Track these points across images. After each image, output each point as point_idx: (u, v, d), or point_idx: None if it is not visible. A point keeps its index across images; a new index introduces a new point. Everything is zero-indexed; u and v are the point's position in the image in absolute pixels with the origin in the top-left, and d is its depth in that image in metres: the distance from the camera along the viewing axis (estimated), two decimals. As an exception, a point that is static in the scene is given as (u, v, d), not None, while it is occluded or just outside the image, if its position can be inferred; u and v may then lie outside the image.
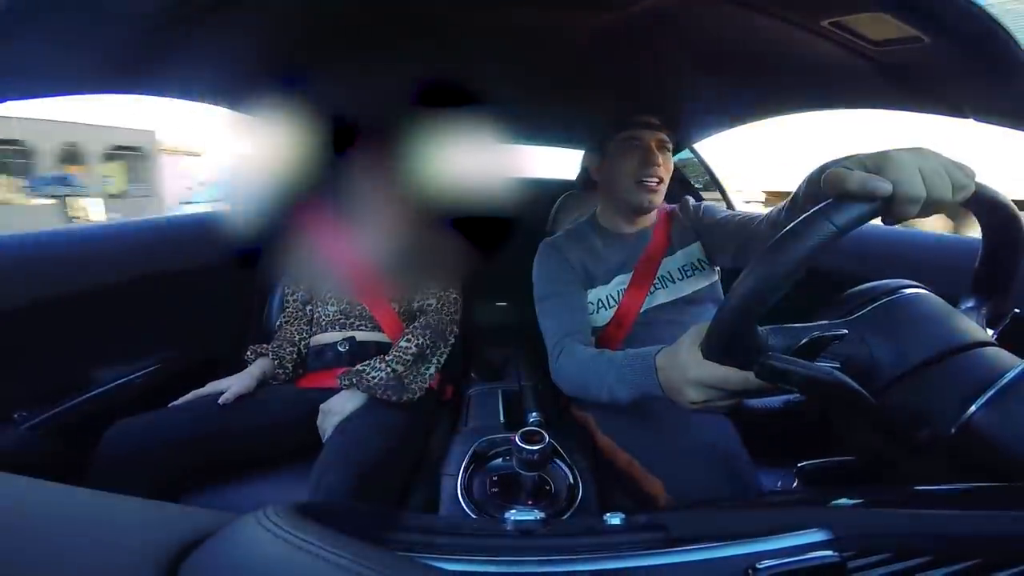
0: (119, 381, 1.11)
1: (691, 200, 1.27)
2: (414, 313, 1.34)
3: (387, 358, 1.14)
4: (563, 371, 1.01)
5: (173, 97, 1.21)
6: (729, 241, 1.05)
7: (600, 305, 1.14)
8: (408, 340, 1.19)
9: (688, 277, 1.14)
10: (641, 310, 1.11)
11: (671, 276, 1.14)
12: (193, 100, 1.32)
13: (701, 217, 1.21)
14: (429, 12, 0.92)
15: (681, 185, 2.10)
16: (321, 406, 1.05)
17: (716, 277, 1.18)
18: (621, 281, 1.14)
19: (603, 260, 1.16)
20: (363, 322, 1.28)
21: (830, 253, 0.46)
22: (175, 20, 0.80)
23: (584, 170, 1.31)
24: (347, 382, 1.07)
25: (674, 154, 1.76)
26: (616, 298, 1.13)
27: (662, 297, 1.12)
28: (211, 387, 1.08)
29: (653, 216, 1.23)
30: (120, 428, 0.90)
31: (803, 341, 0.50)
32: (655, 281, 1.13)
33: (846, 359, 0.52)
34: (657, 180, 1.12)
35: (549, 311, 1.12)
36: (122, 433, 0.89)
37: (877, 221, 0.47)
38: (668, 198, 1.21)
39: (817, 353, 0.51)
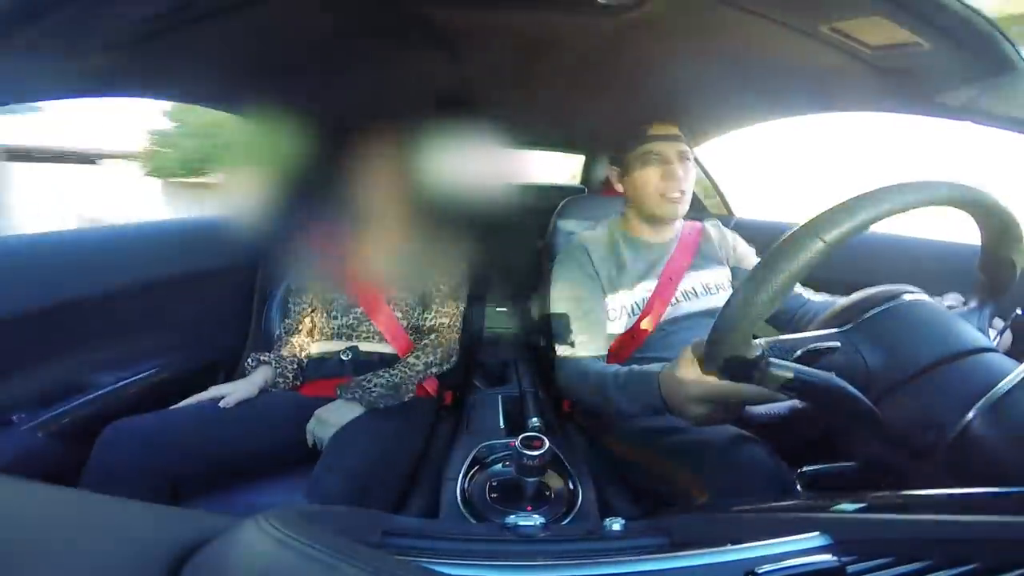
0: (120, 383, 1.11)
1: (720, 224, 1.28)
2: (418, 325, 1.34)
3: (391, 371, 1.14)
4: (569, 378, 1.01)
5: (173, 100, 1.22)
6: None
7: (621, 312, 1.13)
8: (417, 357, 1.20)
9: (711, 294, 1.13)
10: (661, 320, 1.10)
11: (694, 290, 1.13)
12: (193, 102, 1.33)
13: (734, 249, 1.22)
14: (436, 17, 0.92)
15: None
16: (317, 412, 1.05)
17: None
18: (645, 289, 1.13)
19: (628, 266, 1.15)
20: (366, 332, 1.28)
21: (829, 259, 0.46)
22: (175, 22, 0.81)
23: (592, 177, 1.31)
24: (349, 396, 1.07)
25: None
26: (639, 306, 1.12)
27: (683, 309, 1.10)
28: (212, 391, 1.08)
29: (680, 227, 1.22)
30: (116, 429, 0.89)
31: (797, 354, 0.50)
32: (677, 293, 1.12)
33: (840, 370, 0.53)
34: (680, 192, 1.11)
35: (564, 313, 1.11)
36: (118, 434, 0.88)
37: (875, 227, 0.47)
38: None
39: (812, 364, 0.51)
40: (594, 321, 1.09)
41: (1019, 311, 0.60)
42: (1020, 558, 0.30)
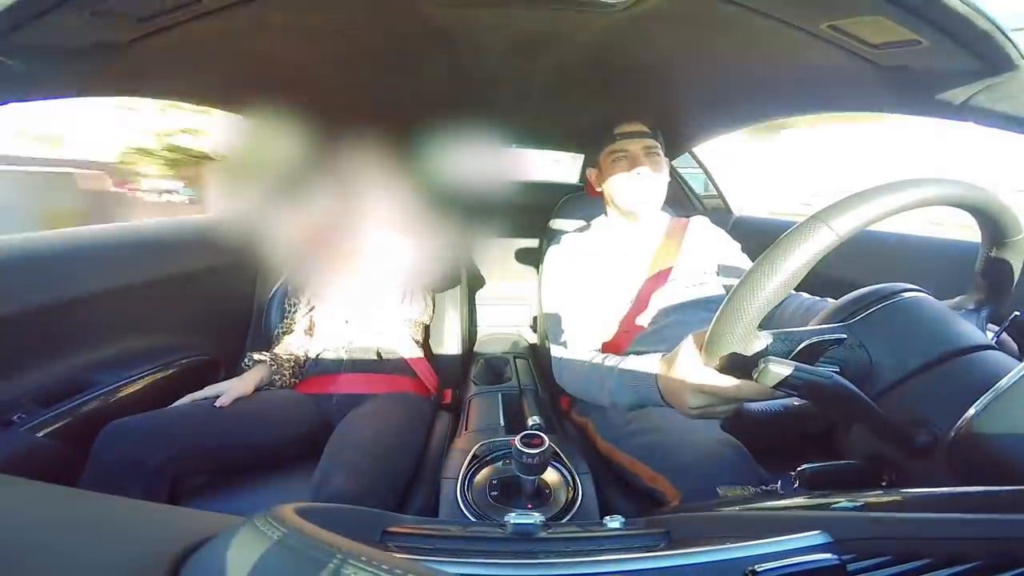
0: (120, 382, 1.11)
1: (708, 220, 1.29)
2: (415, 320, 1.35)
3: None
4: (566, 373, 1.01)
5: (172, 100, 1.22)
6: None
7: (613, 308, 1.14)
8: None
9: (700, 284, 1.14)
10: (652, 316, 1.11)
11: (683, 283, 1.14)
12: (193, 102, 1.32)
13: (721, 245, 1.23)
14: (434, 16, 0.92)
15: (679, 190, 2.11)
16: None
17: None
18: (634, 285, 1.15)
19: (616, 263, 1.17)
20: (364, 329, 1.28)
21: (829, 256, 0.46)
22: (175, 21, 0.80)
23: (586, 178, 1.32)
24: None
25: (672, 158, 1.77)
26: (630, 301, 1.14)
27: (672, 300, 1.12)
28: (208, 390, 1.08)
29: (665, 222, 1.24)
30: (115, 428, 0.89)
31: (802, 345, 0.50)
32: (666, 288, 1.13)
33: (845, 363, 0.53)
34: (648, 186, 1.14)
35: (556, 310, 1.12)
36: (116, 433, 0.88)
37: (876, 226, 0.47)
38: (669, 202, 1.22)
39: (816, 358, 0.51)
40: (587, 318, 1.09)
41: (1017, 313, 0.60)
42: (1020, 558, 0.30)
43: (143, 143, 8.28)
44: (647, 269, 1.16)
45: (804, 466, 0.53)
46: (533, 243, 2.06)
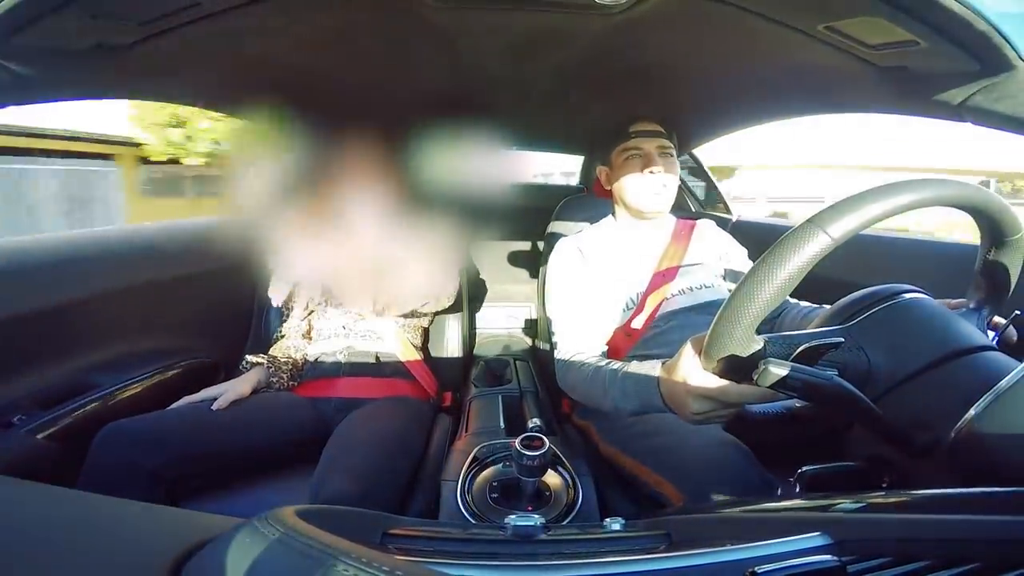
0: (120, 385, 1.11)
1: (715, 223, 1.29)
2: (415, 325, 1.35)
3: None
4: (569, 377, 1.01)
5: (172, 101, 1.22)
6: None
7: (615, 310, 1.13)
8: None
9: (706, 288, 1.14)
10: (655, 318, 1.11)
11: (690, 288, 1.13)
12: (193, 103, 1.32)
13: (726, 249, 1.24)
14: (435, 18, 0.92)
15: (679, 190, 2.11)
16: None
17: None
18: (638, 287, 1.14)
19: (620, 264, 1.16)
20: (363, 332, 1.28)
21: (829, 258, 0.46)
22: (175, 23, 0.81)
23: (592, 177, 1.32)
24: None
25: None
26: (633, 302, 1.13)
27: (676, 306, 1.11)
28: (205, 393, 1.08)
29: (672, 224, 1.24)
30: (112, 431, 0.88)
31: (800, 348, 0.50)
32: (670, 290, 1.13)
33: (844, 366, 0.53)
34: (662, 186, 1.13)
35: (561, 312, 1.12)
36: (113, 435, 0.88)
37: (875, 228, 0.47)
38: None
39: (815, 360, 0.51)
40: (590, 319, 1.09)
41: (1018, 312, 0.60)
42: (1020, 558, 0.30)
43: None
44: (653, 271, 1.15)
45: (805, 468, 0.53)
46: (533, 245, 2.07)
